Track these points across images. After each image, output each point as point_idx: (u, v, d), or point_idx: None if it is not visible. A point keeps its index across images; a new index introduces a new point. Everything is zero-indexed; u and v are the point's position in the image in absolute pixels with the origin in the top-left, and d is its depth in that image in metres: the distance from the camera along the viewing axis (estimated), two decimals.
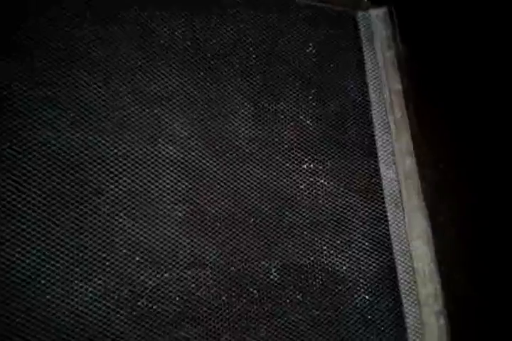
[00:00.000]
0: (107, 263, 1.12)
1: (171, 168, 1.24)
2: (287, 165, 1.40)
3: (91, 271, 1.10)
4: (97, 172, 1.15)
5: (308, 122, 1.45)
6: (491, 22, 1.42)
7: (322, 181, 1.42)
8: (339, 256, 1.37)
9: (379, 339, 1.33)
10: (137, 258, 1.16)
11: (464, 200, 1.40)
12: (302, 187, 1.40)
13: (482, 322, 1.34)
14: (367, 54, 1.54)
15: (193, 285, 1.21)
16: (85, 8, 1.26)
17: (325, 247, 1.37)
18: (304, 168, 1.41)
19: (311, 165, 1.42)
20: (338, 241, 1.39)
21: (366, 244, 1.40)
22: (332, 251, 1.37)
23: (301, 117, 1.44)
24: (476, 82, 1.41)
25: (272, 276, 1.29)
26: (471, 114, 1.42)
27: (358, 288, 1.36)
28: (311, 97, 1.47)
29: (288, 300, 1.29)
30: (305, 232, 1.36)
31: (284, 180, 1.38)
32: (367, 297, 1.36)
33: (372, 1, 1.58)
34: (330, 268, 1.35)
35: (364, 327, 1.33)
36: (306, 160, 1.42)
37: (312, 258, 1.35)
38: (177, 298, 1.18)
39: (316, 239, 1.37)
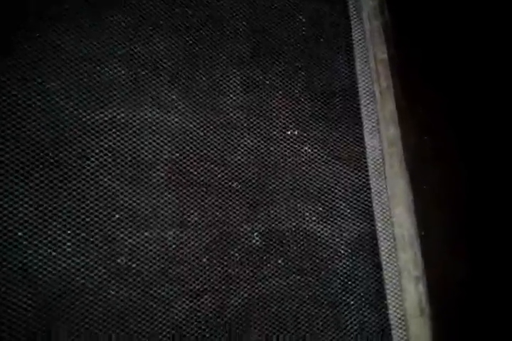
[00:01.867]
0: (87, 219, 1.11)
1: (156, 131, 1.23)
2: (272, 131, 1.40)
3: (69, 225, 1.09)
4: (81, 135, 1.14)
5: (295, 90, 1.44)
6: None
7: (306, 148, 1.42)
8: (321, 222, 1.38)
9: (359, 304, 1.34)
10: (117, 216, 1.15)
11: (447, 168, 1.42)
12: (286, 153, 1.40)
13: (461, 287, 1.36)
14: (354, 23, 1.54)
15: (174, 246, 1.20)
16: None
17: (307, 213, 1.37)
18: (288, 135, 1.41)
19: (296, 133, 1.42)
20: (321, 208, 1.39)
21: (348, 211, 1.41)
22: (314, 218, 1.38)
23: (288, 85, 1.44)
24: (463, 50, 1.41)
25: (254, 240, 1.29)
26: (457, 84, 1.42)
27: (339, 254, 1.37)
28: (298, 66, 1.46)
29: (269, 265, 1.29)
30: (288, 198, 1.36)
31: (269, 147, 1.38)
32: (347, 263, 1.37)
33: None
34: (312, 234, 1.36)
35: (344, 293, 1.34)
36: (291, 127, 1.42)
37: (294, 224, 1.35)
38: (157, 258, 1.17)
39: (298, 205, 1.37)
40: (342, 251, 1.37)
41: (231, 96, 1.35)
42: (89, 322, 1.06)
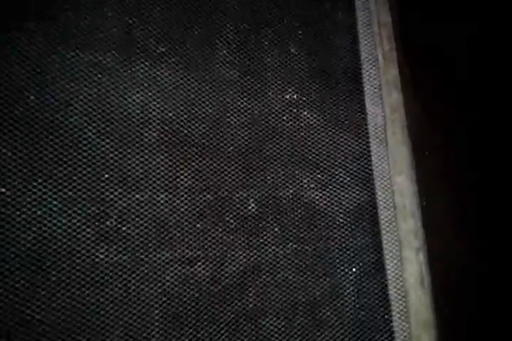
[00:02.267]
0: (74, 178, 1.05)
1: (145, 84, 1.16)
2: (269, 94, 1.33)
3: (55, 183, 1.02)
4: (64, 80, 1.06)
5: (292, 51, 1.38)
6: None
7: (305, 113, 1.36)
8: (319, 190, 1.33)
9: (357, 274, 1.30)
10: (106, 175, 1.08)
11: (450, 135, 1.37)
12: (284, 118, 1.34)
13: (462, 258, 1.32)
14: None
15: (166, 210, 1.14)
16: None
17: (305, 181, 1.32)
18: (287, 99, 1.35)
19: (295, 96, 1.36)
20: (319, 176, 1.34)
21: (348, 178, 1.36)
22: (312, 185, 1.32)
23: (286, 45, 1.37)
24: (468, 12, 1.36)
25: (249, 207, 1.24)
26: (461, 47, 1.37)
27: (338, 223, 1.32)
28: (297, 25, 1.40)
29: (265, 232, 1.24)
30: (285, 164, 1.31)
31: (266, 110, 1.32)
32: (346, 232, 1.32)
33: None
34: (309, 202, 1.31)
35: (342, 262, 1.29)
36: (289, 90, 1.36)
37: (292, 191, 1.30)
38: (148, 221, 1.12)
39: (296, 172, 1.32)
40: (341, 220, 1.32)
41: (224, 52, 1.28)
42: (76, 286, 1.01)
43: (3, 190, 0.97)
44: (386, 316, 1.28)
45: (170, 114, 1.19)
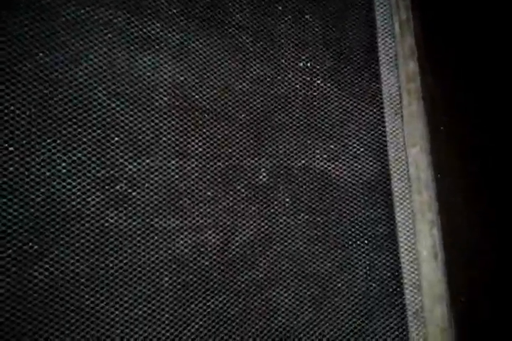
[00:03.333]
0: (84, 139, 1.02)
1: (156, 46, 1.12)
2: (282, 61, 1.30)
3: (64, 144, 0.99)
4: (74, 37, 1.02)
5: (307, 17, 1.33)
6: None
7: (319, 82, 1.33)
8: (332, 161, 1.30)
9: (369, 246, 1.28)
10: (116, 139, 1.05)
11: (465, 108, 1.33)
12: (297, 86, 1.30)
13: (476, 229, 1.29)
14: None
15: (177, 176, 1.12)
16: None
17: (318, 151, 1.29)
18: (300, 67, 1.31)
19: (308, 64, 1.32)
20: (332, 146, 1.31)
21: (361, 149, 1.32)
22: (325, 156, 1.29)
23: (301, 11, 1.33)
24: None
25: (260, 176, 1.21)
26: (480, 18, 1.32)
27: (350, 195, 1.29)
28: None
29: (276, 202, 1.21)
30: (297, 134, 1.27)
31: (279, 77, 1.28)
32: (359, 204, 1.29)
33: None
34: (322, 173, 1.28)
35: (354, 234, 1.27)
36: (303, 58, 1.32)
37: (304, 161, 1.27)
38: (158, 187, 1.09)
39: (308, 141, 1.29)
40: (353, 191, 1.30)
41: (237, 16, 1.24)
42: (85, 250, 0.98)
43: (11, 148, 0.94)
44: (398, 289, 1.26)
45: (181, 78, 1.15)
